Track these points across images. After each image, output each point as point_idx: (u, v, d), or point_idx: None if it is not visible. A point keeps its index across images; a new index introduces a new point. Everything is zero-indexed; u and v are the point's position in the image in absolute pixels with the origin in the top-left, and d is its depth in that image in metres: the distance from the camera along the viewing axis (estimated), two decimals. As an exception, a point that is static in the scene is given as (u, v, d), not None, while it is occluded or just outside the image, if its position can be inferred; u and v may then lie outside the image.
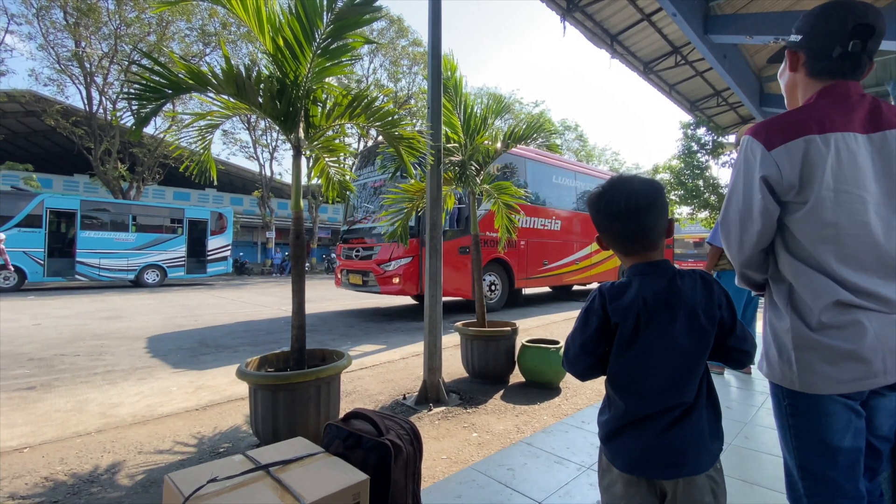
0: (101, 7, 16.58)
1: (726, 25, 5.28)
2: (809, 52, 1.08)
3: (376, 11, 2.28)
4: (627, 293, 0.99)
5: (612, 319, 0.99)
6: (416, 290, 7.05)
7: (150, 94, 2.19)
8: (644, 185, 1.02)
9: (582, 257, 10.51)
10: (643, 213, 1.00)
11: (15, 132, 21.16)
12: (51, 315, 7.65)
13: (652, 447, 0.95)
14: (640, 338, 0.97)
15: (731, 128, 10.79)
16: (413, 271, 7.01)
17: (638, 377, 0.99)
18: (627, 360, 0.99)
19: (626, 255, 1.06)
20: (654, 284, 0.99)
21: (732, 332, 1.00)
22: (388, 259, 7.19)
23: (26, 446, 2.50)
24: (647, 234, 1.02)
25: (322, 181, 3.23)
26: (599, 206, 1.05)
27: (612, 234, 1.06)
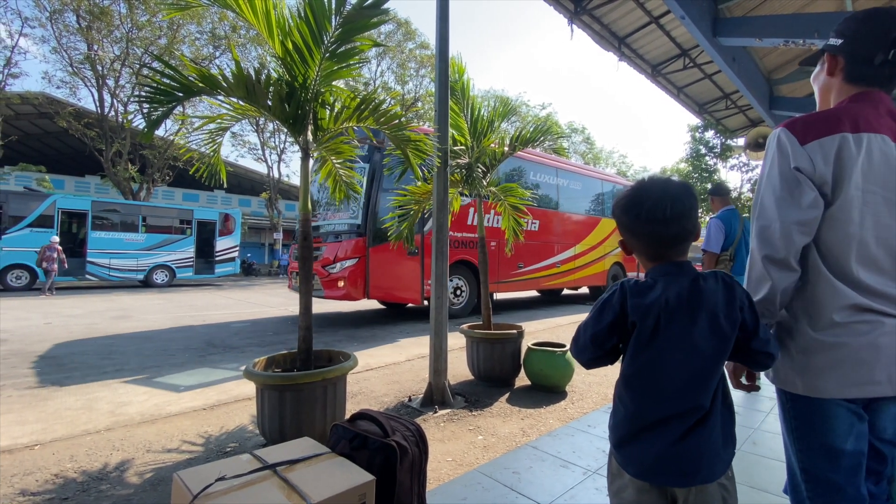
0: (114, 11, 16.84)
1: (735, 28, 5.24)
2: (849, 57, 1.06)
3: (384, 14, 2.30)
4: (651, 293, 0.97)
5: (630, 317, 0.97)
6: (361, 295, 6.55)
7: (162, 96, 2.22)
8: (683, 190, 0.99)
9: (564, 260, 9.92)
10: (685, 218, 0.98)
11: (28, 134, 21.49)
12: (61, 314, 7.75)
13: (667, 455, 0.93)
14: (658, 339, 0.95)
15: (740, 131, 10.71)
16: (359, 274, 6.50)
17: (654, 379, 0.97)
18: (644, 362, 0.97)
19: (652, 260, 1.04)
20: (678, 285, 0.96)
21: (756, 335, 0.98)
22: (332, 260, 6.66)
23: (37, 443, 2.54)
24: (686, 238, 1.00)
25: (329, 183, 3.25)
26: (639, 212, 1.00)
27: (648, 239, 1.02)
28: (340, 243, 6.67)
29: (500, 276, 8.44)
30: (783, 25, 4.97)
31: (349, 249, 6.52)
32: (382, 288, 6.68)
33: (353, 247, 6.53)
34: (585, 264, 10.47)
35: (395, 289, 6.83)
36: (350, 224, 6.79)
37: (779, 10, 5.60)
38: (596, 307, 1.03)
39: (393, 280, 6.77)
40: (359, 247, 6.50)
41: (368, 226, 6.57)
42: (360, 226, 6.59)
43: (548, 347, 3.68)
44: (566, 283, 10.27)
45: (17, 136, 19.22)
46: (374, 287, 6.55)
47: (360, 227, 6.59)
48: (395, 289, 6.83)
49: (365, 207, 6.63)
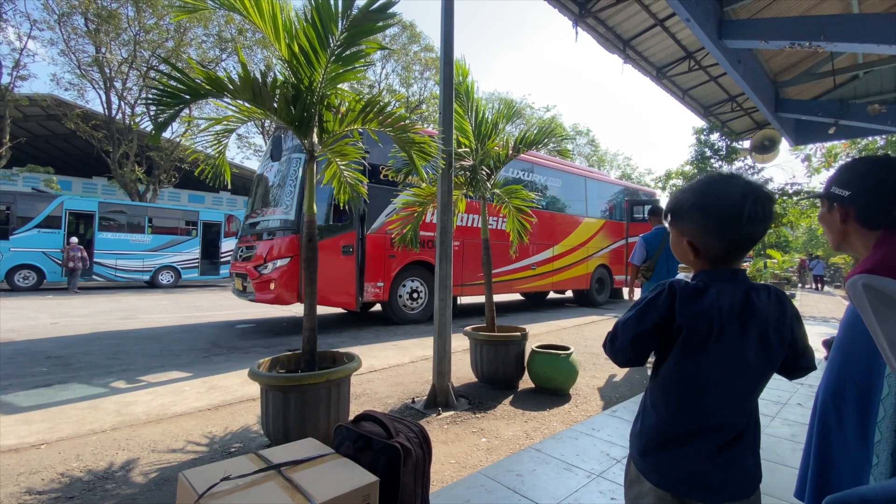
0: (121, 14, 17.01)
1: (741, 30, 5.23)
2: (862, 210, 1.04)
3: (390, 18, 2.31)
4: (704, 298, 0.91)
5: (678, 321, 0.90)
6: (294, 298, 5.95)
7: (169, 99, 2.24)
8: (768, 189, 0.93)
9: (540, 262, 9.28)
10: (771, 219, 0.93)
11: (36, 135, 21.70)
12: (68, 314, 7.81)
13: (697, 470, 0.90)
14: (707, 349, 0.89)
15: (746, 133, 10.66)
16: (291, 275, 5.90)
17: (697, 391, 0.91)
18: (688, 371, 0.91)
19: (716, 263, 0.96)
20: (732, 294, 0.91)
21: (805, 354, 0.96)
22: (263, 260, 6.06)
23: (43, 443, 2.56)
24: (760, 240, 0.95)
25: (334, 184, 3.27)
26: (732, 211, 0.90)
27: (732, 241, 0.93)
28: (272, 241, 6.14)
29: (465, 278, 7.90)
30: (789, 28, 4.95)
31: (281, 248, 5.96)
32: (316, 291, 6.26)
33: (286, 245, 5.95)
34: (566, 266, 9.92)
35: (328, 292, 6.13)
36: (282, 220, 6.20)
37: (784, 12, 5.58)
38: (639, 307, 0.96)
39: (327, 282, 6.05)
40: (291, 245, 5.93)
41: (302, 222, 6.00)
42: (292, 221, 6.03)
43: (552, 350, 3.67)
44: (544, 286, 9.71)
45: (25, 138, 19.42)
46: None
47: (292, 224, 6.02)
48: (328, 292, 6.13)
49: (299, 201, 6.06)
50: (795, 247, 34.37)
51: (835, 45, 4.81)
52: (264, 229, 6.51)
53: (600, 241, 10.95)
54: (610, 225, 11.32)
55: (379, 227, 6.81)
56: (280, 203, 6.37)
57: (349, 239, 6.37)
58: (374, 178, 6.73)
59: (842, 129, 7.80)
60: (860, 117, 7.27)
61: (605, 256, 11.04)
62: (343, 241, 6.34)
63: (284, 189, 6.37)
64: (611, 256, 11.23)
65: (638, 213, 11.52)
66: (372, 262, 6.71)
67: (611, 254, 11.24)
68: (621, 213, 11.67)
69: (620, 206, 11.71)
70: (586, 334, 6.60)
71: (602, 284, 11.05)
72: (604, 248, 11.04)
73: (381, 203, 6.83)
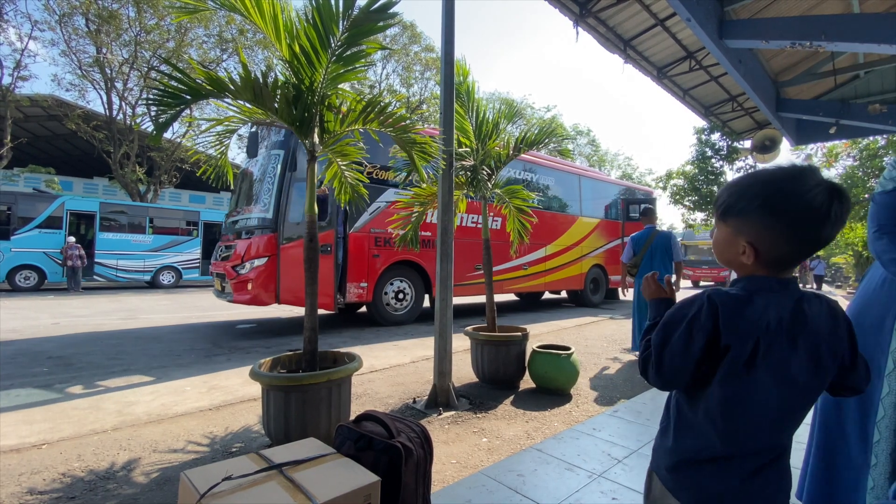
0: (122, 14, 17.03)
1: (742, 30, 5.23)
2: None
3: (391, 18, 2.31)
4: (749, 310, 0.81)
5: (724, 340, 0.81)
6: (272, 299, 5.82)
7: (170, 99, 2.24)
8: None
9: (532, 262, 9.06)
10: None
11: (37, 136, 21.72)
12: (69, 314, 7.82)
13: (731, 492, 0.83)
14: (755, 368, 0.81)
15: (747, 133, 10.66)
16: (268, 275, 5.79)
17: (741, 413, 0.83)
18: (733, 392, 0.83)
19: (774, 268, 0.86)
20: (780, 306, 0.82)
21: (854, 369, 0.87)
22: (240, 259, 5.94)
23: (44, 443, 2.56)
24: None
25: (335, 185, 3.27)
26: (818, 214, 0.79)
27: (800, 243, 0.82)
28: (250, 240, 6.00)
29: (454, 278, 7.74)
30: (790, 27, 4.96)
31: (259, 247, 5.84)
32: (294, 291, 5.91)
33: (263, 244, 5.83)
34: (559, 266, 9.71)
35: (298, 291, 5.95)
36: (260, 218, 6.07)
37: (785, 12, 5.58)
38: (681, 328, 0.85)
39: (297, 282, 5.92)
40: (269, 244, 5.82)
41: (280, 220, 5.93)
42: (270, 220, 5.90)
43: (553, 350, 3.67)
44: (536, 287, 9.45)
45: (26, 139, 19.45)
46: (284, 290, 5.86)
47: (270, 222, 5.89)
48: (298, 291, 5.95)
49: (276, 199, 5.96)
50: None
51: (835, 45, 4.82)
52: (243, 228, 6.38)
53: (595, 241, 10.80)
54: (605, 224, 11.17)
55: (363, 225, 6.69)
56: (258, 201, 6.23)
57: (327, 238, 6.14)
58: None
59: (843, 128, 7.80)
60: (861, 117, 7.27)
61: (600, 256, 10.87)
62: (320, 240, 6.06)
63: (262, 187, 6.22)
64: (606, 256, 11.09)
65: (634, 212, 11.36)
66: (355, 261, 6.55)
67: (606, 253, 11.10)
68: (617, 212, 11.51)
69: (616, 206, 11.55)
70: (587, 334, 6.59)
71: (597, 285, 10.93)
72: (599, 247, 10.90)
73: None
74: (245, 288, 5.79)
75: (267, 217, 5.96)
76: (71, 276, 12.28)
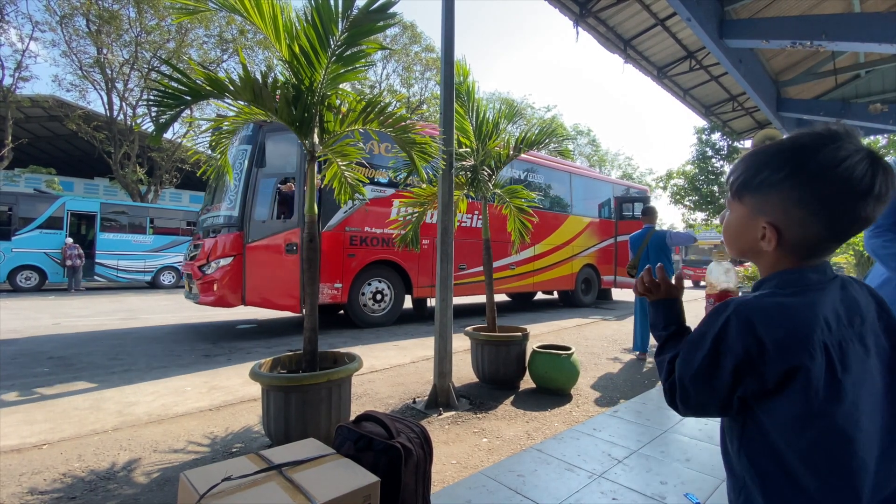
0: (123, 15, 17.05)
1: (742, 30, 5.23)
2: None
3: (391, 18, 2.31)
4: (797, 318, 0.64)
5: (775, 364, 0.62)
6: (238, 300, 5.60)
7: (170, 100, 2.24)
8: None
9: (519, 261, 8.75)
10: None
11: (38, 136, 21.75)
12: (70, 315, 7.83)
13: None
14: (839, 388, 0.61)
15: (747, 133, 10.66)
16: (234, 275, 5.55)
17: (845, 453, 0.61)
18: (824, 430, 0.61)
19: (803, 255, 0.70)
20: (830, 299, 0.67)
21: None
22: (206, 259, 5.72)
23: (45, 443, 2.56)
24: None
25: (335, 185, 3.27)
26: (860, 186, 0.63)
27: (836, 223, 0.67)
28: (216, 239, 5.78)
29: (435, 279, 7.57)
30: (790, 27, 4.96)
31: (224, 246, 5.61)
32: (260, 292, 5.70)
33: (229, 243, 5.60)
34: (548, 266, 9.41)
35: (272, 293, 5.79)
36: (226, 216, 5.82)
37: (786, 11, 5.58)
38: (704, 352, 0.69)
39: (268, 283, 5.76)
40: (235, 243, 5.59)
41: (246, 218, 5.70)
42: (236, 218, 5.67)
43: (553, 350, 3.67)
44: (524, 287, 9.18)
45: (27, 139, 19.49)
46: (251, 291, 5.62)
47: (236, 220, 5.66)
48: (272, 293, 5.79)
49: (243, 196, 5.74)
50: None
51: (836, 45, 4.82)
52: (211, 226, 6.18)
53: (586, 240, 10.50)
54: (597, 223, 10.86)
55: (337, 223, 6.45)
56: (225, 198, 6.02)
57: (293, 236, 5.82)
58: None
59: (843, 128, 7.78)
60: (862, 116, 7.26)
61: (591, 256, 10.57)
62: (286, 239, 5.83)
63: (229, 183, 6.01)
64: (598, 256, 10.80)
65: (628, 210, 11.11)
66: (328, 261, 6.29)
67: (598, 253, 10.81)
68: (610, 210, 11.24)
69: (609, 204, 11.28)
70: (587, 334, 6.59)
71: (589, 285, 10.64)
72: (590, 246, 10.59)
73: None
74: (211, 288, 5.56)
75: (233, 215, 5.75)
76: (71, 276, 12.31)
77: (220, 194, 6.35)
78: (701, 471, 2.25)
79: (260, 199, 5.83)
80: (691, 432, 2.78)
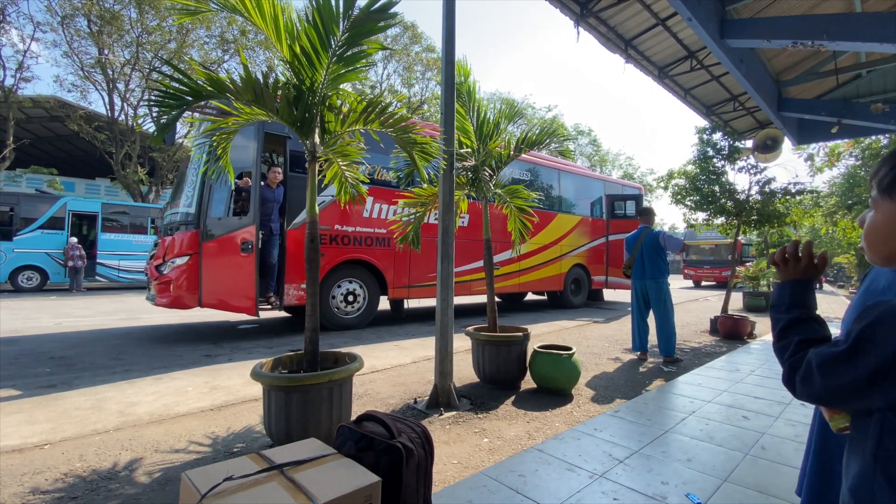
0: (124, 15, 17.08)
1: (743, 29, 5.22)
2: None
3: (391, 18, 2.31)
4: None
5: None
6: (194, 302, 5.29)
7: (171, 100, 2.25)
8: None
9: (504, 261, 8.44)
10: None
11: (39, 137, 21.78)
12: (71, 315, 7.84)
13: None
14: None
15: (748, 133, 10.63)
16: (190, 275, 5.27)
17: None
18: None
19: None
20: None
21: None
22: (162, 258, 5.49)
23: (47, 443, 2.57)
24: None
25: (335, 185, 3.27)
26: None
27: None
28: (173, 237, 5.54)
29: (412, 279, 7.18)
30: (791, 27, 4.95)
31: (180, 245, 5.36)
32: (217, 293, 5.40)
33: (185, 242, 5.33)
34: (535, 266, 9.11)
35: (228, 295, 5.47)
36: (182, 213, 5.57)
37: (787, 11, 5.57)
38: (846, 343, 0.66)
39: (223, 284, 5.45)
40: (191, 242, 5.30)
41: (202, 215, 5.41)
42: (192, 215, 5.39)
43: (554, 350, 3.67)
44: (509, 288, 8.86)
45: (28, 139, 19.52)
46: (207, 292, 5.33)
47: (192, 217, 5.38)
48: (228, 295, 5.47)
49: (200, 193, 5.44)
50: (799, 246, 34.28)
51: (837, 45, 4.81)
52: (169, 224, 5.95)
53: (576, 239, 10.23)
54: (587, 222, 10.59)
55: (304, 221, 5.92)
56: (183, 195, 5.77)
57: (248, 234, 5.50)
58: (299, 168, 6.09)
59: (845, 128, 7.78)
60: (863, 116, 7.25)
61: (581, 255, 10.31)
62: (242, 237, 5.50)
63: (187, 180, 5.80)
64: (588, 255, 10.53)
65: (619, 209, 10.86)
66: (295, 261, 6.01)
67: (588, 252, 10.54)
68: (601, 209, 11.00)
69: (601, 202, 11.02)
70: (588, 334, 6.59)
71: (578, 285, 10.39)
72: (580, 246, 10.33)
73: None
74: (167, 289, 5.29)
75: (189, 212, 5.48)
76: (73, 276, 12.33)
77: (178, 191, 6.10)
78: (702, 471, 2.25)
79: (216, 196, 5.55)
80: (692, 432, 2.78)
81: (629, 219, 10.67)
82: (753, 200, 7.12)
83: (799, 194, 7.02)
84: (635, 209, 5.48)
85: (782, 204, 7.07)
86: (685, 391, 3.72)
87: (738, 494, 2.02)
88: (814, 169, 15.00)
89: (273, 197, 5.95)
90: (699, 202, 7.62)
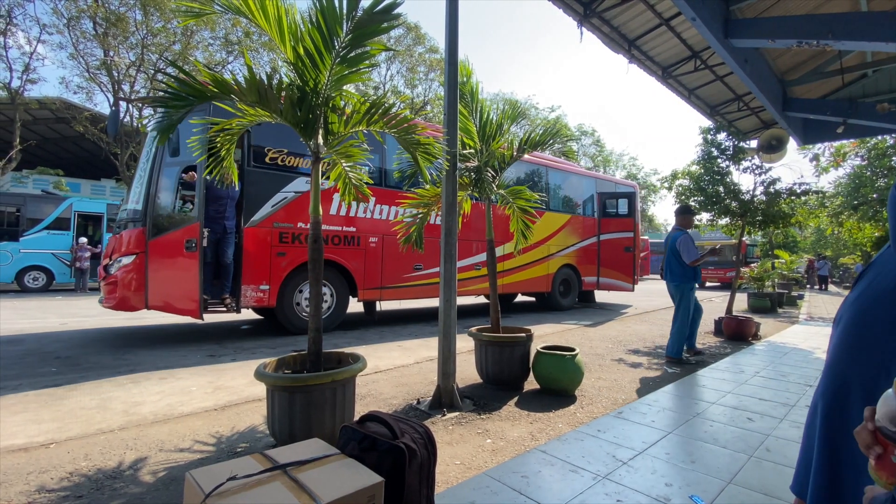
0: (129, 17, 17.18)
1: (747, 29, 5.20)
2: None
3: (395, 19, 2.31)
4: None
5: None
6: (141, 303, 5.03)
7: (176, 101, 2.26)
8: None
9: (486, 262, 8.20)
10: None
11: (46, 138, 21.96)
12: (77, 315, 7.90)
13: None
14: None
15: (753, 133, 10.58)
16: (136, 275, 4.98)
17: None
18: None
19: None
20: None
21: None
22: (109, 258, 5.28)
23: (52, 442, 2.59)
24: None
25: (339, 185, 3.28)
26: None
27: None
28: (120, 235, 5.28)
29: (387, 279, 6.87)
30: (796, 26, 4.93)
31: (126, 243, 5.08)
32: (163, 295, 5.13)
33: (132, 240, 5.06)
34: (520, 266, 8.76)
35: (172, 296, 5.20)
36: (130, 210, 5.31)
37: (791, 10, 5.55)
38: None
39: (172, 284, 5.18)
40: (138, 240, 5.02)
41: (149, 212, 5.09)
42: (139, 212, 5.11)
43: (557, 351, 3.66)
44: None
45: (35, 141, 19.67)
46: (153, 293, 5.05)
47: (140, 214, 5.10)
48: (172, 296, 5.20)
49: (147, 188, 5.15)
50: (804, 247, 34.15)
51: (843, 44, 4.78)
52: (119, 222, 5.69)
53: (565, 239, 9.88)
54: (578, 220, 10.26)
55: (263, 218, 5.78)
56: (132, 191, 5.55)
57: (192, 232, 5.16)
58: (259, 162, 5.81)
59: (850, 128, 7.74)
60: (869, 116, 7.21)
61: (571, 255, 9.96)
62: (186, 235, 5.17)
63: (136, 175, 5.58)
64: (579, 255, 10.18)
65: (611, 207, 10.60)
66: (253, 260, 5.70)
67: (579, 252, 10.19)
68: (593, 207, 10.71)
69: (592, 200, 10.71)
70: (591, 335, 6.57)
71: (568, 286, 10.05)
72: (569, 245, 9.98)
73: (267, 191, 5.82)
74: (114, 290, 5.04)
75: (137, 209, 5.20)
76: (79, 276, 12.40)
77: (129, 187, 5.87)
78: (707, 473, 2.24)
79: (163, 190, 5.28)
80: (696, 434, 2.76)
81: (622, 217, 10.47)
82: (758, 201, 7.09)
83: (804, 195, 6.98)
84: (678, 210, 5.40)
85: (787, 204, 7.03)
86: (689, 392, 3.71)
87: (742, 496, 2.01)
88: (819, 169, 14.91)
89: (227, 194, 5.59)
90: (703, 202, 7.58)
